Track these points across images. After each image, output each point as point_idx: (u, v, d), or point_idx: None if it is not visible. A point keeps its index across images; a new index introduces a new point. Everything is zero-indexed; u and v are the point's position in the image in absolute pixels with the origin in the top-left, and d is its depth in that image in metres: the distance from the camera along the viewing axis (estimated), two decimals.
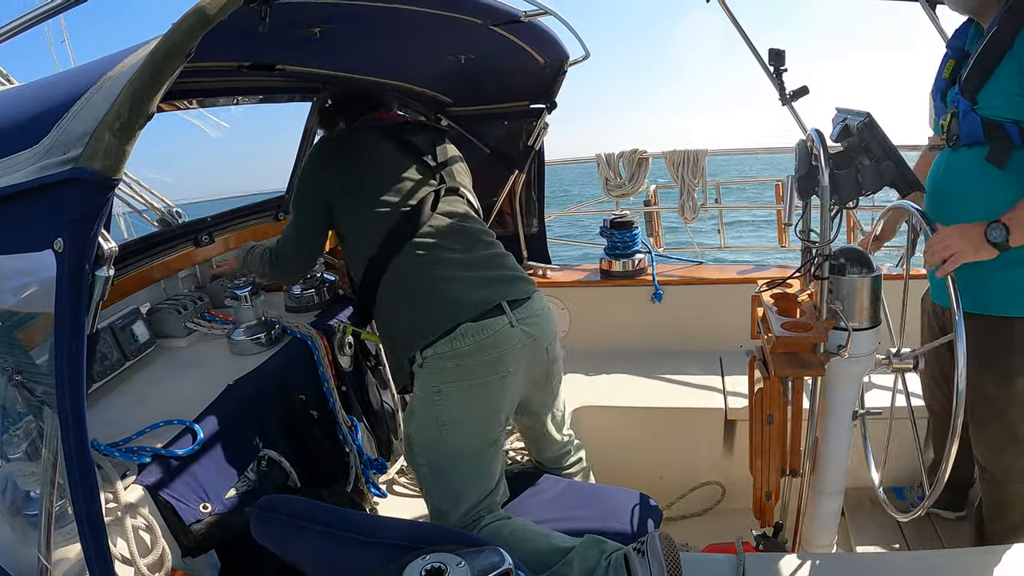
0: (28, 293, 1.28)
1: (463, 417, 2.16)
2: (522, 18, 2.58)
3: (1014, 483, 2.33)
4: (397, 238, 2.24)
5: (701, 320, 3.82)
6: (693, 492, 3.34)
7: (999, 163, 2.02)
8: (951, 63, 2.20)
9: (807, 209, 2.10)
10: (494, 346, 2.12)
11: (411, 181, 2.36)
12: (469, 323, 2.10)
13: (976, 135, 2.06)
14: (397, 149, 2.44)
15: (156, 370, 2.51)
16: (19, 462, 1.48)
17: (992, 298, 2.13)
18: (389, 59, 2.95)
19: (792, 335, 1.98)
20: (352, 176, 2.36)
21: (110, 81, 1.11)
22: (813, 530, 2.31)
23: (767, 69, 3.14)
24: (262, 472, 2.20)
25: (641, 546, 1.80)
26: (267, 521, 1.52)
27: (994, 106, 2.01)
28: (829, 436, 2.15)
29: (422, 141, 2.52)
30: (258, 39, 2.13)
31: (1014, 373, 2.17)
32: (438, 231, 2.28)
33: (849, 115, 2.01)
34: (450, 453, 2.19)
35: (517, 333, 2.16)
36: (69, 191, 1.05)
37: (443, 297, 2.15)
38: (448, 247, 2.26)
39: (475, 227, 2.39)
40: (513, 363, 2.17)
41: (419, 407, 2.21)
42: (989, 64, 1.99)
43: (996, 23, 1.98)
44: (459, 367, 2.11)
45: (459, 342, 2.09)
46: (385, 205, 2.29)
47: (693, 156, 6.05)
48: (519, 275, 2.34)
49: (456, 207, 2.40)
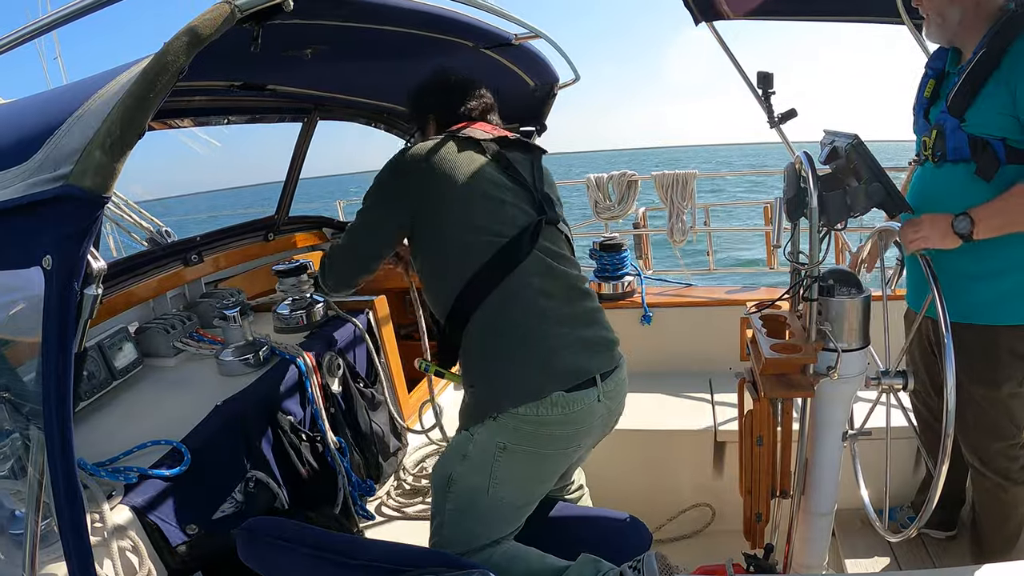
0: (16, 310, 1.28)
1: (519, 479, 2.04)
2: (513, 41, 2.60)
3: (1012, 484, 2.40)
4: (492, 272, 2.00)
5: (690, 342, 3.83)
6: (683, 514, 3.34)
7: (987, 177, 2.10)
8: (931, 83, 2.30)
9: (796, 231, 2.11)
10: (577, 421, 1.97)
11: (511, 207, 2.08)
12: (562, 393, 1.92)
13: (963, 152, 2.15)
14: (496, 168, 2.13)
15: (144, 390, 2.49)
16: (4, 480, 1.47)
17: (976, 308, 2.19)
18: (380, 80, 2.97)
19: (781, 356, 1.98)
20: (443, 191, 2.05)
21: (102, 99, 1.11)
22: (804, 551, 2.30)
23: (755, 92, 3.17)
24: (249, 493, 2.18)
25: (638, 564, 1.77)
26: (253, 543, 1.51)
27: (981, 124, 2.09)
28: (819, 457, 2.15)
29: (521, 160, 2.22)
30: (250, 59, 2.15)
31: (999, 380, 2.25)
32: (538, 272, 2.03)
33: (837, 137, 2.03)
34: (489, 505, 2.04)
35: (601, 408, 2.02)
36: (59, 208, 1.05)
37: (539, 357, 1.96)
38: (547, 293, 2.02)
39: (572, 272, 2.15)
40: (588, 438, 2.07)
41: (475, 455, 2.03)
42: (977, 84, 2.07)
43: (985, 44, 2.06)
44: (536, 435, 1.96)
45: (546, 410, 1.92)
46: (479, 232, 2.02)
47: (682, 179, 6.12)
48: (612, 338, 2.14)
49: (556, 243, 2.14)
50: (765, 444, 2.14)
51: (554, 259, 2.09)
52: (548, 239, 2.10)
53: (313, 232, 3.96)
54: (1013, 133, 2.05)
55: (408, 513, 2.91)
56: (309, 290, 3.01)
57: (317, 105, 3.31)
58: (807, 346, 2.00)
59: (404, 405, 3.31)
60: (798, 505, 2.26)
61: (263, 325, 2.96)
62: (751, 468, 2.21)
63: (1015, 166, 2.07)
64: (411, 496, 3.02)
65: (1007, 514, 2.48)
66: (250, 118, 3.17)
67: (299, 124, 3.45)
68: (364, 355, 3.05)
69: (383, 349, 3.21)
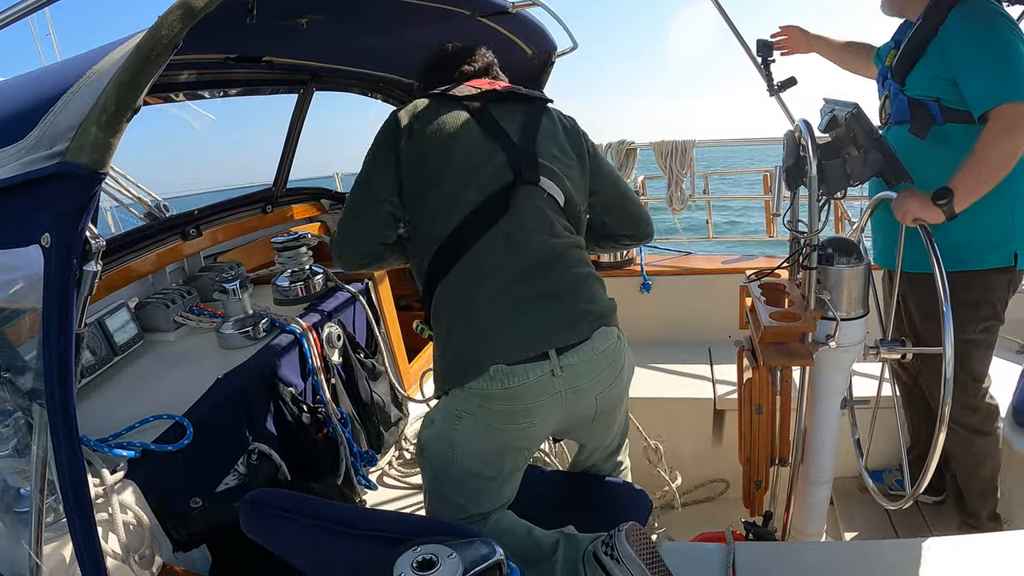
0: (15, 288, 1.28)
1: (478, 449, 1.97)
2: (510, 9, 2.57)
3: (975, 435, 2.50)
4: (456, 243, 1.92)
5: (690, 310, 3.83)
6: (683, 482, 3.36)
7: (919, 135, 2.34)
8: (892, 53, 2.49)
9: (795, 199, 2.11)
10: (521, 397, 1.86)
11: (483, 170, 1.95)
12: (502, 365, 1.83)
13: (904, 114, 2.38)
14: (475, 126, 2.00)
15: (145, 365, 2.50)
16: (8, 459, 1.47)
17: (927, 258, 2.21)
18: (377, 50, 2.94)
19: (780, 325, 1.99)
20: (422, 156, 1.96)
21: (96, 75, 1.10)
22: (802, 518, 2.32)
23: (755, 60, 3.15)
24: (252, 465, 2.20)
25: (610, 540, 1.70)
26: (256, 515, 1.51)
27: (918, 87, 2.33)
28: (818, 425, 2.16)
29: (511, 115, 2.06)
30: (245, 31, 2.12)
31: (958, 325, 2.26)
32: (497, 243, 1.92)
33: (837, 105, 2.02)
34: (458, 474, 1.99)
35: (557, 383, 1.88)
36: (56, 185, 1.04)
37: (482, 331, 1.88)
38: (504, 264, 1.91)
39: (543, 238, 1.97)
40: (541, 415, 1.92)
41: (438, 420, 2.02)
42: (916, 52, 2.31)
43: (922, 16, 2.29)
44: (481, 406, 1.89)
45: (486, 384, 1.84)
46: (451, 199, 1.94)
47: (681, 147, 6.05)
48: (584, 308, 1.96)
49: (531, 206, 1.97)
50: (764, 412, 2.16)
51: (522, 226, 1.95)
52: (524, 203, 1.95)
53: (311, 203, 3.94)
54: (947, 94, 2.25)
55: (409, 483, 2.94)
56: (308, 261, 3.00)
57: (313, 76, 3.28)
58: (806, 315, 2.00)
59: (404, 375, 3.32)
60: (797, 473, 2.28)
61: (262, 298, 2.96)
62: (750, 436, 2.23)
63: (953, 125, 2.27)
64: (412, 465, 3.05)
65: (974, 465, 2.55)
66: (246, 90, 3.15)
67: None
68: (364, 325, 3.06)
69: (383, 319, 3.22)
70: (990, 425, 2.50)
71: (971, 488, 2.59)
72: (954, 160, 2.16)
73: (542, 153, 2.02)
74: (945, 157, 2.22)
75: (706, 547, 2.03)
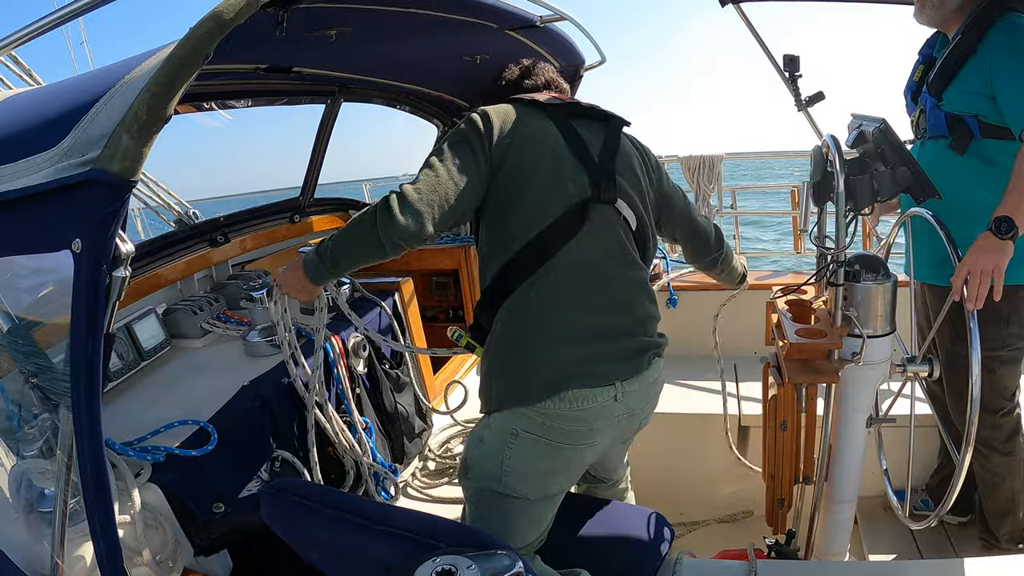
0: (45, 293, 1.30)
1: (531, 469, 1.93)
2: (538, 23, 2.58)
3: (995, 454, 2.45)
4: (528, 257, 1.87)
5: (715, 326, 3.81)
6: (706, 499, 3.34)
7: (959, 151, 2.29)
8: (920, 67, 2.47)
9: (822, 215, 2.10)
10: (586, 420, 1.86)
11: (562, 185, 1.90)
12: (572, 390, 1.82)
13: (941, 128, 2.33)
14: (562, 137, 1.94)
15: (171, 370, 2.53)
16: (34, 460, 1.49)
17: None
18: (405, 62, 2.97)
19: (806, 341, 1.97)
20: (515, 161, 1.89)
21: (128, 84, 1.12)
22: (826, 538, 2.29)
23: (782, 74, 3.13)
24: (276, 473, 2.21)
25: None
26: (279, 503, 1.51)
27: (956, 103, 2.27)
28: (843, 443, 2.13)
29: (591, 130, 2.01)
30: (275, 42, 2.15)
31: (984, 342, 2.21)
32: (581, 261, 1.88)
33: (864, 121, 2.01)
34: (504, 494, 1.95)
35: (618, 408, 1.89)
36: (87, 192, 1.06)
37: (563, 356, 1.85)
38: (587, 289, 1.89)
39: (624, 270, 1.97)
40: (600, 437, 1.94)
41: (490, 439, 1.96)
42: (954, 67, 2.26)
43: (961, 32, 2.26)
44: (544, 425, 1.85)
45: (555, 404, 1.82)
46: (525, 212, 1.88)
47: (709, 161, 6.06)
48: (648, 341, 1.98)
49: (607, 228, 1.94)
50: (789, 429, 2.14)
51: (600, 246, 1.92)
52: (599, 223, 1.91)
53: (338, 214, 3.97)
54: (985, 110, 2.20)
55: (432, 495, 2.94)
56: None
57: (341, 87, 3.31)
58: (832, 331, 1.99)
59: (429, 386, 3.33)
60: (821, 491, 2.25)
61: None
62: (774, 453, 2.21)
63: (992, 140, 2.22)
64: (436, 477, 3.05)
65: (995, 484, 2.50)
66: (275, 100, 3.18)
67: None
68: (389, 336, 3.07)
69: (409, 330, 3.23)
70: (1012, 444, 2.46)
71: (991, 508, 2.55)
72: (991, 176, 2.15)
73: (620, 173, 1.99)
74: (982, 173, 2.22)
75: (727, 564, 2.02)
